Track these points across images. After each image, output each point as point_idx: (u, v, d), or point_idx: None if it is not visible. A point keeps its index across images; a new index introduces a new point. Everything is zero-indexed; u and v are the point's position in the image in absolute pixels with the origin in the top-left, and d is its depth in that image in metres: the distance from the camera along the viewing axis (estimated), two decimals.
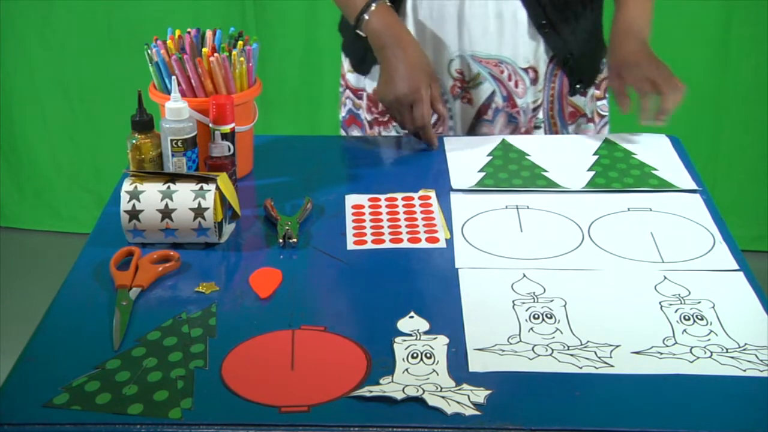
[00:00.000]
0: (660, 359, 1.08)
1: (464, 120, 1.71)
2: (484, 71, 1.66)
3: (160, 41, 1.44)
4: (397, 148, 1.64)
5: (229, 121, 1.40)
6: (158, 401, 1.01)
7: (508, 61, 1.65)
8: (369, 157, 1.62)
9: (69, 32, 3.06)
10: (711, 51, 2.90)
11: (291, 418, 0.99)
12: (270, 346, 1.11)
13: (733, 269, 1.26)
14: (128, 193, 1.29)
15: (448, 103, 1.69)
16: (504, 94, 1.68)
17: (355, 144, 1.68)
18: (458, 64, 1.66)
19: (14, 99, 3.19)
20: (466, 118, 1.71)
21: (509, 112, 1.69)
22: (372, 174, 1.54)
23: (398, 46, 1.55)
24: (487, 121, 1.70)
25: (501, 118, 1.70)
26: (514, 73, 1.66)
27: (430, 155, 1.60)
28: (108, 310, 1.17)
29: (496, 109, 1.69)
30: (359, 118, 1.78)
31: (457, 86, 1.68)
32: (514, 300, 1.19)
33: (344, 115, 1.82)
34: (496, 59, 1.65)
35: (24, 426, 0.99)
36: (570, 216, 1.40)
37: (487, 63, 1.65)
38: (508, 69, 1.66)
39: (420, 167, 1.58)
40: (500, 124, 1.70)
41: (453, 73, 1.67)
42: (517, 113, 1.69)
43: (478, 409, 0.99)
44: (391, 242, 1.33)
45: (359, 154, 1.63)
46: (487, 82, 1.67)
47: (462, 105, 1.70)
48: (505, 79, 1.66)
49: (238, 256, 1.31)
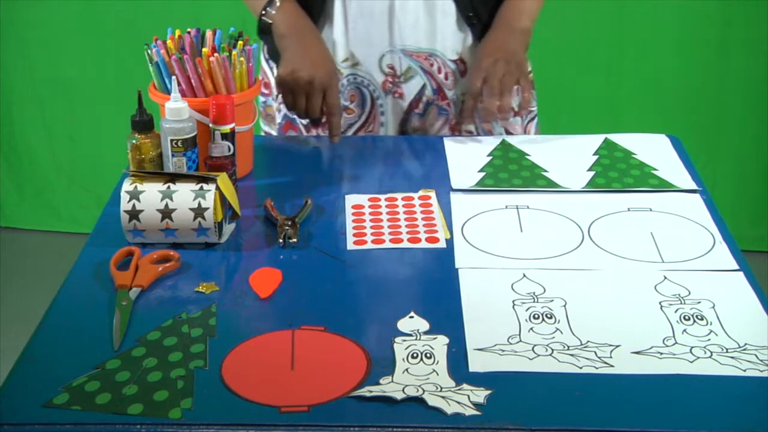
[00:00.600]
0: (660, 359, 1.08)
1: (396, 115, 1.72)
2: (415, 65, 1.67)
3: (160, 41, 1.44)
4: (397, 148, 1.64)
5: (229, 121, 1.40)
6: (158, 401, 1.01)
7: (437, 53, 1.66)
8: (369, 157, 1.61)
9: (69, 32, 3.06)
10: (711, 51, 2.90)
11: (291, 418, 0.99)
12: (270, 346, 1.11)
13: (733, 269, 1.26)
14: (128, 193, 1.29)
15: (379, 99, 1.70)
16: (434, 87, 1.69)
17: (355, 144, 1.68)
18: (389, 59, 1.67)
19: (14, 99, 3.19)
20: (397, 112, 1.71)
21: (439, 104, 1.71)
22: (372, 174, 1.54)
23: (309, 34, 1.59)
24: (419, 114, 1.71)
25: (432, 111, 1.71)
26: (443, 65, 1.67)
27: (430, 155, 1.60)
28: (108, 310, 1.17)
29: (427, 102, 1.70)
30: (296, 123, 1.77)
31: (389, 81, 1.69)
32: (514, 300, 1.19)
33: (280, 122, 1.79)
34: (426, 52, 1.66)
35: (24, 426, 0.99)
36: (570, 216, 1.40)
37: (417, 57, 1.66)
38: (437, 62, 1.67)
39: (420, 167, 1.58)
40: (431, 116, 1.71)
41: (384, 69, 1.68)
42: (447, 105, 1.70)
43: (478, 409, 0.99)
44: (391, 242, 1.33)
45: (359, 154, 1.63)
46: (417, 76, 1.68)
47: (393, 100, 1.70)
48: (435, 71, 1.68)
49: (238, 256, 1.31)
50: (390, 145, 1.66)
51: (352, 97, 1.70)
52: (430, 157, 1.60)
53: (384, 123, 1.73)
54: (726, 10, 2.84)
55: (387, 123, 1.73)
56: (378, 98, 1.70)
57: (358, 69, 1.68)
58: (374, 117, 1.71)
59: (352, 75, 1.68)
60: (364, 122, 1.72)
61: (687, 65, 2.94)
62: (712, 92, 2.95)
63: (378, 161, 1.60)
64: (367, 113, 1.69)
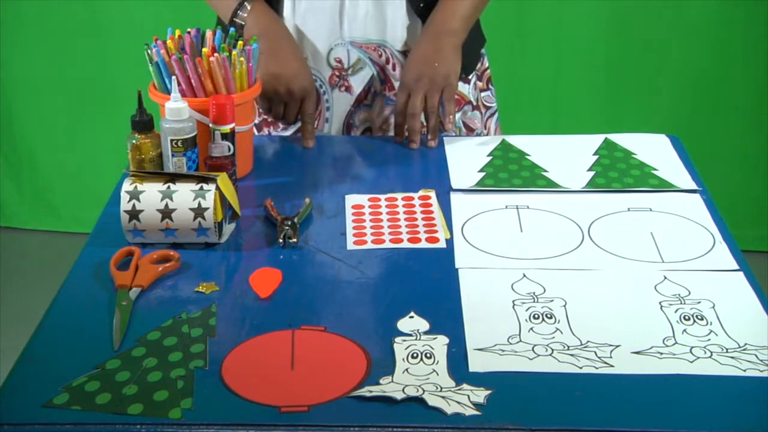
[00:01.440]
0: (660, 359, 1.08)
1: (341, 109, 1.71)
2: (364, 56, 1.67)
3: (160, 41, 1.44)
4: (397, 148, 1.64)
5: (229, 121, 1.40)
6: (158, 401, 1.01)
7: (387, 44, 1.66)
8: (369, 157, 1.61)
9: (69, 32, 3.06)
10: (711, 51, 2.90)
11: (291, 418, 0.99)
12: (270, 346, 1.11)
13: (733, 269, 1.26)
14: (128, 193, 1.29)
15: (325, 94, 1.70)
16: (382, 78, 1.69)
17: (355, 144, 1.68)
18: (337, 52, 1.67)
19: (14, 99, 3.19)
20: (343, 106, 1.71)
21: (386, 95, 1.70)
22: (372, 174, 1.54)
23: (285, 38, 1.59)
24: (366, 106, 1.71)
25: (379, 101, 1.71)
26: (392, 56, 1.67)
27: (430, 155, 1.60)
28: (108, 310, 1.17)
29: (374, 92, 1.70)
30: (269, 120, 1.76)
31: (335, 75, 1.69)
32: (514, 300, 1.19)
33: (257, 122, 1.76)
34: (375, 43, 1.66)
35: (24, 426, 0.99)
36: (570, 216, 1.40)
37: (366, 48, 1.66)
38: (386, 52, 1.67)
39: (420, 167, 1.58)
40: (378, 107, 1.71)
41: (332, 62, 1.68)
42: (394, 96, 1.69)
43: (478, 409, 0.99)
44: (391, 242, 1.33)
45: (359, 154, 1.63)
46: (366, 67, 1.68)
47: (339, 94, 1.70)
48: (384, 62, 1.68)
49: (238, 256, 1.31)
50: (390, 145, 1.65)
51: None
52: (430, 157, 1.60)
53: (329, 119, 1.72)
54: (726, 10, 2.84)
55: (332, 118, 1.72)
56: (324, 93, 1.70)
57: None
58: (320, 113, 1.71)
59: None
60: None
61: (687, 65, 2.94)
62: (712, 92, 2.95)
63: (378, 161, 1.59)
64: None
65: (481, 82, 1.77)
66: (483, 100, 1.77)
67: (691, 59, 2.92)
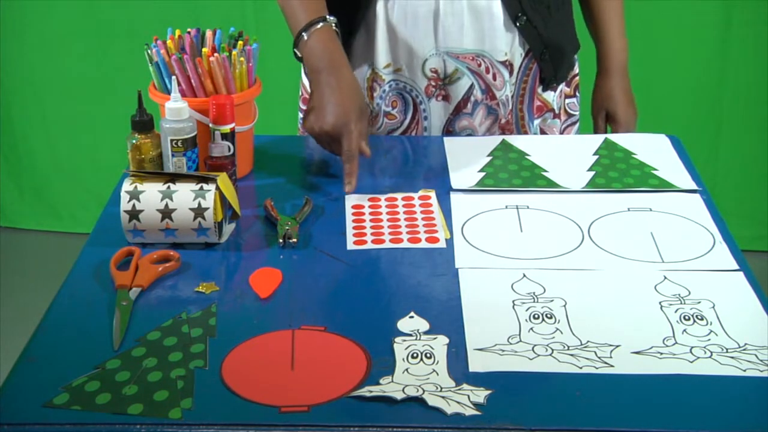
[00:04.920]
0: (660, 359, 1.08)
1: (440, 118, 1.70)
2: (462, 66, 1.65)
3: (160, 41, 1.44)
4: (397, 148, 1.64)
5: (229, 121, 1.40)
6: (158, 401, 1.01)
7: (485, 54, 1.65)
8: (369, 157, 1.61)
9: (69, 32, 3.06)
10: (711, 51, 2.90)
11: (291, 418, 0.99)
12: (270, 346, 1.11)
13: (733, 269, 1.26)
14: (128, 193, 1.29)
15: (422, 104, 1.69)
16: (483, 87, 1.67)
17: None
18: (433, 62, 1.65)
19: (14, 99, 3.19)
20: (442, 115, 1.69)
21: (488, 104, 1.69)
22: (372, 174, 1.54)
23: (332, 74, 1.47)
24: (467, 114, 1.70)
25: (481, 110, 1.69)
26: (491, 65, 1.65)
27: (430, 155, 1.60)
28: (108, 310, 1.17)
29: (475, 102, 1.68)
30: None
31: (431, 85, 1.67)
32: (514, 300, 1.19)
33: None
34: (472, 53, 1.64)
35: (24, 426, 0.99)
36: (570, 216, 1.40)
37: (464, 58, 1.64)
38: (485, 62, 1.65)
39: (420, 167, 1.58)
40: (480, 115, 1.70)
41: (427, 73, 1.66)
42: (496, 105, 1.68)
43: (478, 409, 0.99)
44: (391, 242, 1.33)
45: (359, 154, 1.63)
46: (465, 77, 1.66)
47: (437, 103, 1.68)
48: (483, 72, 1.66)
49: (238, 256, 1.31)
50: (390, 145, 1.65)
51: (393, 103, 1.68)
52: (430, 157, 1.60)
53: (427, 128, 1.71)
54: (726, 10, 2.84)
55: (430, 127, 1.71)
56: (421, 103, 1.68)
57: (400, 74, 1.66)
58: (417, 122, 1.69)
59: (394, 81, 1.66)
60: (407, 128, 1.69)
61: (687, 65, 2.94)
62: (712, 92, 2.95)
63: (378, 161, 1.59)
64: (409, 119, 1.67)
65: (568, 88, 1.76)
66: (567, 107, 1.77)
67: (690, 59, 2.92)
